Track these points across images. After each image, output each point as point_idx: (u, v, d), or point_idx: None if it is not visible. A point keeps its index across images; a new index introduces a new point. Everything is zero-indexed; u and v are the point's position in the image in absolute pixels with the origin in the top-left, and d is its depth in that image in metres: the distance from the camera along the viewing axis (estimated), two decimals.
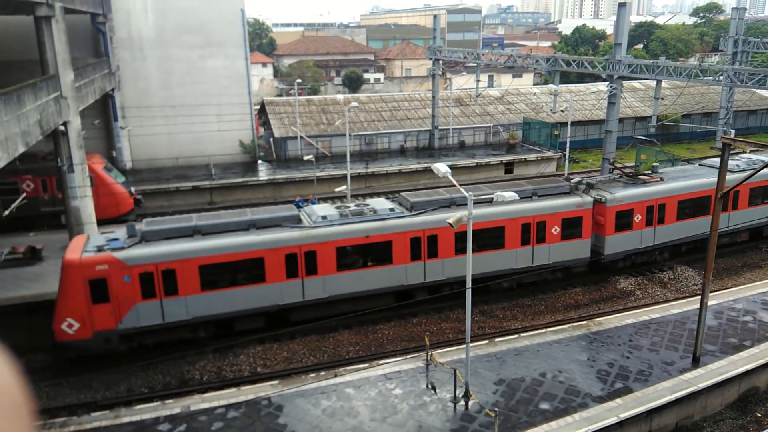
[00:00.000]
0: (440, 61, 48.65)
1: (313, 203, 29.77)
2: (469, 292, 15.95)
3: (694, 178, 28.38)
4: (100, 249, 19.83)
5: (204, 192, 39.47)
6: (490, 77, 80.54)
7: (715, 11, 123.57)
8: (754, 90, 56.68)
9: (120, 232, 21.44)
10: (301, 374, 18.91)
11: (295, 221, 22.29)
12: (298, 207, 30.22)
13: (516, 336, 20.56)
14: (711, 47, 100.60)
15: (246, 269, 21.26)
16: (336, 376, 17.60)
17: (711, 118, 56.31)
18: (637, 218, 26.66)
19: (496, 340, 20.26)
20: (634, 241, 26.96)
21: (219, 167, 42.56)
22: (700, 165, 31.37)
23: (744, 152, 31.84)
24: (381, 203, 24.64)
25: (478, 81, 46.22)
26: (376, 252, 22.90)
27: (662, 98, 37.11)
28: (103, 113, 41.32)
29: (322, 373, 18.33)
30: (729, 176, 19.24)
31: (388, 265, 23.09)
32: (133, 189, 34.57)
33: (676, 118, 50.28)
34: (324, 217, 22.49)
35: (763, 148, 23.42)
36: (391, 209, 23.59)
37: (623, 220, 26.45)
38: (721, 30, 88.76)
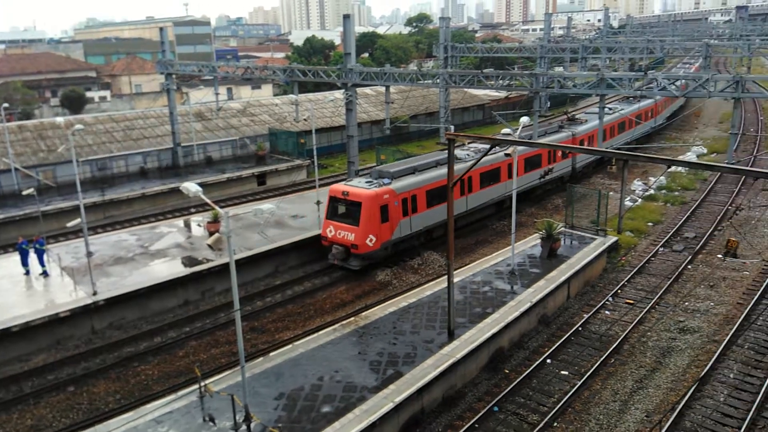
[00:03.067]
0: (173, 75, 46.28)
1: (41, 243, 25.96)
2: (238, 315, 15.27)
3: (594, 120, 42.29)
4: (380, 185, 28.05)
5: None
6: (229, 90, 79.34)
7: (425, 21, 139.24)
8: (465, 90, 65.08)
9: (358, 179, 29.78)
10: None
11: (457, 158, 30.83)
12: (22, 250, 26.15)
13: (290, 346, 20.38)
14: (426, 53, 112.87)
15: (439, 192, 29.76)
16: None
17: (433, 116, 63.08)
18: (586, 143, 42.00)
19: (271, 354, 19.85)
20: (587, 158, 42.67)
21: None
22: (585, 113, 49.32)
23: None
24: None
25: (217, 94, 45.02)
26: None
27: (392, 102, 40.34)
28: None
29: None
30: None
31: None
32: None
33: (406, 119, 55.21)
34: (468, 155, 32.94)
35: (480, 140, 26.98)
36: None
37: (583, 144, 41.42)
38: (432, 38, 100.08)
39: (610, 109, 46.48)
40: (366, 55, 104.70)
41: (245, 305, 25.28)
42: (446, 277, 20.90)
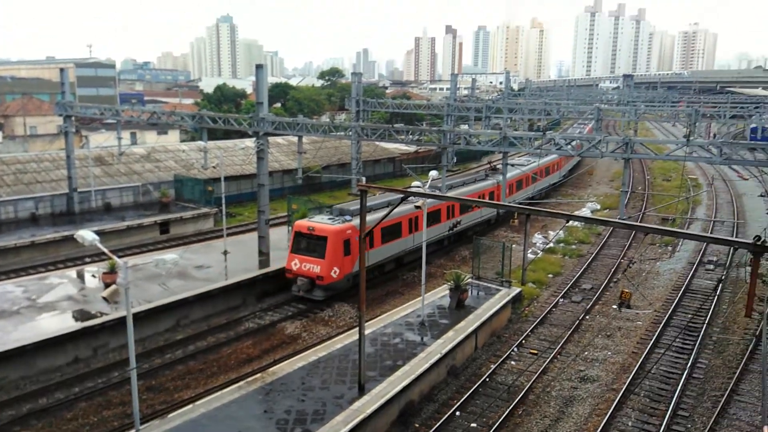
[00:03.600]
0: (72, 118, 44.11)
1: None
2: (134, 374, 14.23)
3: (517, 168, 50.74)
4: (343, 221, 30.43)
5: None
6: (133, 134, 76.49)
7: (338, 75, 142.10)
8: (377, 143, 66.34)
9: (320, 216, 31.88)
10: None
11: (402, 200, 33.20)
12: None
13: (191, 406, 19.16)
14: (338, 106, 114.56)
15: (394, 229, 33.53)
16: None
17: (346, 168, 63.63)
18: (509, 189, 44.98)
19: (169, 415, 18.55)
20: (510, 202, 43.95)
21: None
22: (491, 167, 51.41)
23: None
24: None
25: (120, 138, 43.25)
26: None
27: (305, 152, 40.33)
28: None
29: None
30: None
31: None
32: None
33: (318, 169, 55.32)
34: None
35: (391, 192, 27.50)
36: None
37: (508, 190, 44.44)
38: (344, 91, 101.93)
39: (513, 166, 50.20)
40: (278, 105, 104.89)
41: (142, 362, 23.67)
42: (357, 329, 20.63)
